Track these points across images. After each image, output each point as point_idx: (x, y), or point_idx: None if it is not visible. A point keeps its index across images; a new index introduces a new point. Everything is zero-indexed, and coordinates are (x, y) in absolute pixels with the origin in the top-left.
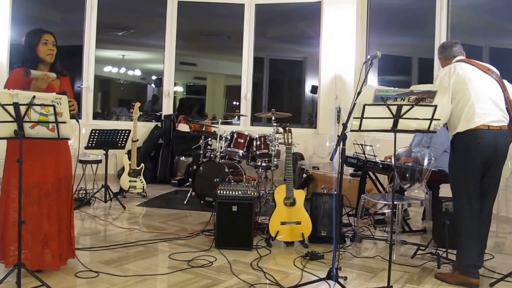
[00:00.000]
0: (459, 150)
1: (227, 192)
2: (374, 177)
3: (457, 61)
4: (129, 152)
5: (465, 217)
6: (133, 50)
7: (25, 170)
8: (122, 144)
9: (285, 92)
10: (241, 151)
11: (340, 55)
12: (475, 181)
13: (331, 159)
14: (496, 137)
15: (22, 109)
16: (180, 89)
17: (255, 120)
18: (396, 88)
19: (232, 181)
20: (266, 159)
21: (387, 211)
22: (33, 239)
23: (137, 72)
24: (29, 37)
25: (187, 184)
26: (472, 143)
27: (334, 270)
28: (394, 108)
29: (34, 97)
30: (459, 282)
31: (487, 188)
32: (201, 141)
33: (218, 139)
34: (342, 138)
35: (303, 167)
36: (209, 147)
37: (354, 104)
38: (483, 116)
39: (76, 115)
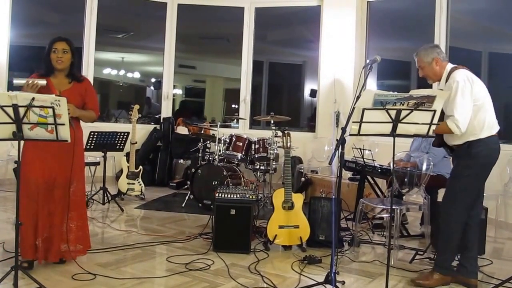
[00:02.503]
0: (478, 156)
1: (226, 195)
2: (372, 182)
3: (455, 68)
4: (127, 155)
5: (460, 221)
6: (133, 52)
7: (31, 168)
8: (121, 147)
9: (284, 96)
10: (239, 155)
11: (340, 59)
12: (482, 186)
13: (330, 163)
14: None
15: (21, 110)
16: (179, 91)
17: (254, 124)
18: (395, 93)
19: (231, 184)
20: (265, 162)
21: (385, 215)
22: (33, 232)
23: (136, 75)
24: (47, 44)
25: (186, 187)
26: (492, 149)
27: (333, 275)
28: (393, 113)
29: (33, 98)
30: (441, 283)
31: (480, 194)
32: (199, 144)
33: (216, 142)
34: (341, 142)
35: (302, 171)
36: (207, 150)
37: (353, 108)
38: (496, 122)
39: (70, 119)
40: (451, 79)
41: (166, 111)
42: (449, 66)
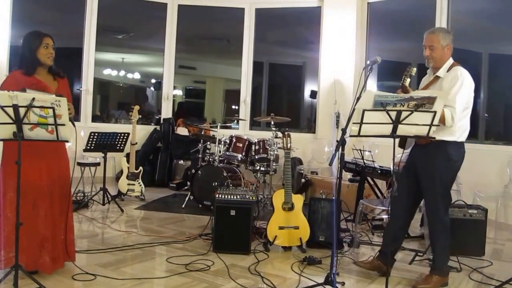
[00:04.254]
0: (457, 158)
1: (226, 196)
2: (372, 183)
3: (457, 63)
4: (127, 155)
5: (448, 222)
6: (133, 53)
7: (21, 172)
8: (121, 147)
9: (284, 97)
10: (239, 155)
11: (340, 60)
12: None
13: (330, 164)
14: None
15: (22, 111)
16: (179, 92)
17: (254, 125)
18: (396, 94)
19: (231, 185)
20: (265, 163)
21: (385, 216)
22: (28, 241)
23: (137, 75)
24: (30, 39)
25: (186, 187)
26: (463, 153)
27: (333, 275)
28: (393, 114)
29: (33, 99)
30: (441, 284)
31: None
32: (199, 145)
33: (217, 143)
34: (341, 143)
35: (302, 172)
36: (207, 151)
37: (353, 109)
38: None
39: (72, 118)
40: (457, 71)
41: (166, 112)
42: (451, 59)
